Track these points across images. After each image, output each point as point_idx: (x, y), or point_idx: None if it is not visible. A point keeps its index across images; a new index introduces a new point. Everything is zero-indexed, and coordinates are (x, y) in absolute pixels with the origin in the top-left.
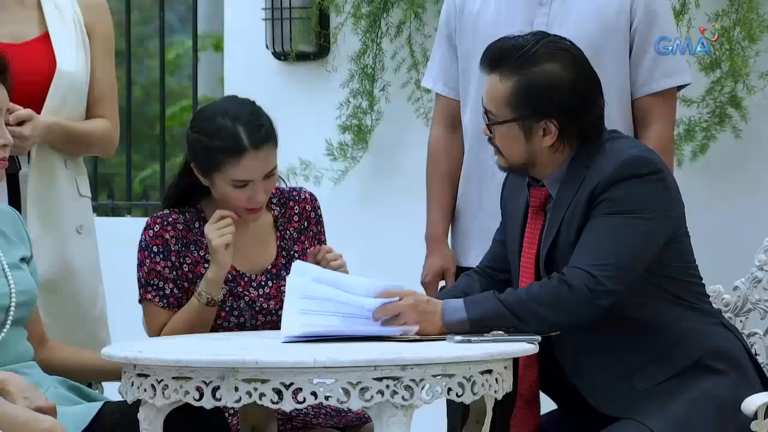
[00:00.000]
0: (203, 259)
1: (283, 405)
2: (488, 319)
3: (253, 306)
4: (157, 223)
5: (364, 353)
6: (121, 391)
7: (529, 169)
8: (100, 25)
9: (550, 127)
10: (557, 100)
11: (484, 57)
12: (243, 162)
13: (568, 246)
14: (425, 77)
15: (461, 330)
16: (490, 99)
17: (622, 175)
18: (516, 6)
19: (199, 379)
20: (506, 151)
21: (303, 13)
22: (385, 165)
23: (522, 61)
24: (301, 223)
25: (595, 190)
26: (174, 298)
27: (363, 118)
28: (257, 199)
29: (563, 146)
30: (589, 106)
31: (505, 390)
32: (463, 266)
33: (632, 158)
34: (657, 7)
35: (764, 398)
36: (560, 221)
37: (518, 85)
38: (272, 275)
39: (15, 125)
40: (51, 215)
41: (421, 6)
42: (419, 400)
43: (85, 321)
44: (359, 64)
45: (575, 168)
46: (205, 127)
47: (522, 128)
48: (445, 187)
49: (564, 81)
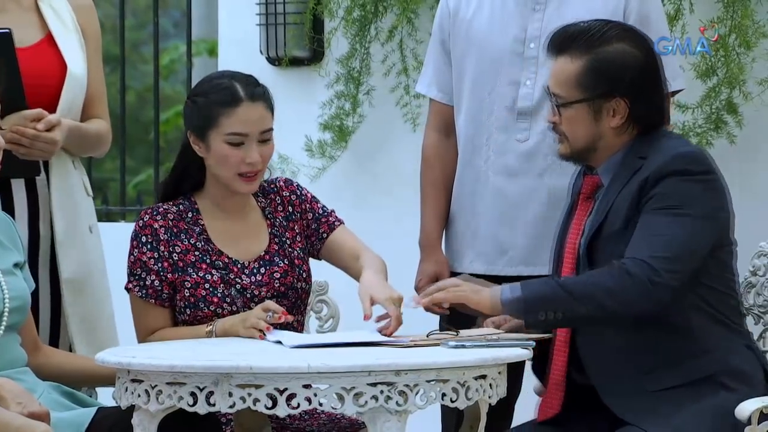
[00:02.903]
0: (193, 247)
1: (277, 411)
2: (544, 298)
3: (244, 293)
4: (148, 213)
5: (358, 359)
6: (114, 397)
7: (590, 154)
8: (91, 26)
9: (619, 106)
10: (629, 77)
11: (550, 43)
12: (238, 112)
13: (612, 234)
14: (419, 83)
15: (515, 309)
16: (559, 81)
17: (674, 170)
18: (510, 11)
19: (193, 384)
20: (572, 135)
21: (297, 19)
22: (364, 166)
23: (593, 41)
24: (286, 211)
25: (646, 182)
26: (153, 290)
27: (345, 119)
28: (252, 159)
29: (629, 129)
30: (657, 87)
31: (499, 395)
32: (456, 272)
33: (686, 153)
34: (650, 12)
35: (757, 403)
36: (607, 209)
37: (589, 63)
38: (265, 261)
39: (45, 131)
40: (71, 216)
41: (414, 11)
42: (413, 405)
43: (101, 320)
44: (346, 66)
45: (629, 158)
46: (202, 89)
47: (591, 108)
48: (438, 193)
49: (636, 59)
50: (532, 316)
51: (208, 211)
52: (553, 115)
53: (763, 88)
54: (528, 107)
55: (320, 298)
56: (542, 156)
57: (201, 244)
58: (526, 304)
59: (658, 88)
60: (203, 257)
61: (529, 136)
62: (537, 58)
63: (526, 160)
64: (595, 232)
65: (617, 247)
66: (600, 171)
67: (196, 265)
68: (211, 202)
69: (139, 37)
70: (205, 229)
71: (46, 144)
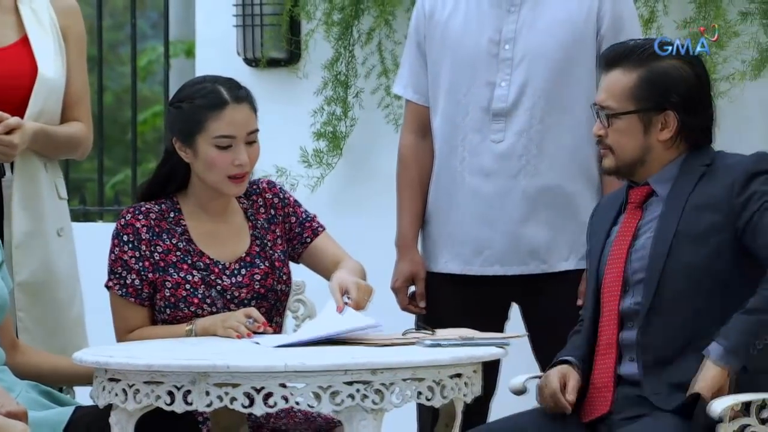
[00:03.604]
0: (175, 246)
1: (254, 409)
2: (746, 334)
3: (224, 294)
4: (130, 212)
5: (334, 358)
6: (92, 396)
7: (637, 168)
8: (74, 29)
9: (669, 119)
10: (680, 92)
11: (603, 58)
12: (225, 115)
13: (691, 234)
14: (396, 84)
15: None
16: (611, 93)
17: (762, 169)
18: (485, 13)
19: (170, 383)
20: (620, 147)
21: (274, 20)
22: (360, 171)
23: (646, 56)
24: (267, 213)
25: (733, 185)
26: (133, 288)
27: (337, 124)
28: (241, 160)
29: (677, 144)
30: (707, 103)
31: (474, 394)
32: (432, 272)
33: (766, 153)
34: (624, 14)
35: (729, 401)
36: (681, 211)
37: (642, 76)
38: (246, 263)
39: (4, 134)
40: (35, 219)
41: (391, 13)
42: (389, 403)
43: (64, 324)
44: (332, 71)
45: (689, 166)
46: (186, 94)
47: (642, 120)
48: (414, 193)
49: (687, 74)
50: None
51: (191, 212)
52: (601, 128)
53: (733, 84)
54: (503, 108)
55: (297, 298)
56: (517, 157)
57: (183, 244)
58: (737, 352)
59: (707, 105)
60: (185, 257)
61: (504, 137)
62: (512, 59)
63: (501, 160)
64: (668, 233)
65: (694, 246)
66: (652, 181)
67: (178, 266)
68: (194, 204)
69: (117, 38)
70: (187, 230)
71: (5, 147)
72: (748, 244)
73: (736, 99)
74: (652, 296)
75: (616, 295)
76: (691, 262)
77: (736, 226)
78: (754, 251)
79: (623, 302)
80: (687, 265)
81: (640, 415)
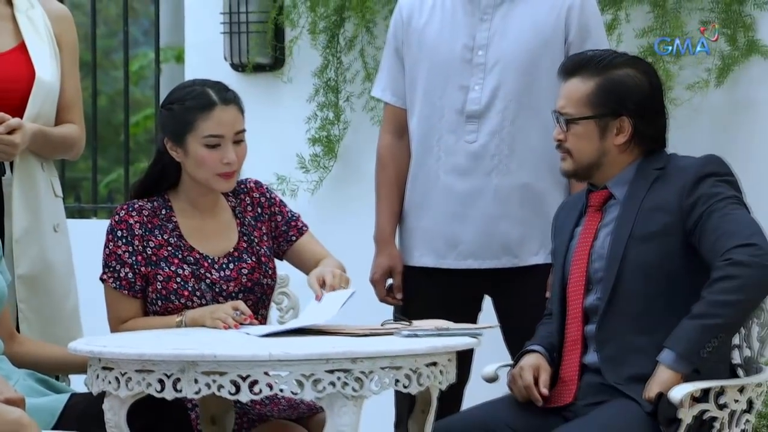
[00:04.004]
0: (166, 242)
1: (240, 396)
2: (695, 341)
3: (213, 288)
4: (124, 209)
5: (316, 347)
6: (86, 384)
7: (594, 171)
8: (68, 36)
9: (624, 125)
10: (635, 99)
11: (563, 68)
12: (214, 115)
13: (649, 233)
14: (375, 87)
15: (686, 368)
16: (570, 100)
17: (712, 171)
18: (459, 21)
19: (160, 371)
20: (578, 151)
21: (259, 27)
22: (354, 171)
23: (603, 65)
24: (255, 211)
25: (684, 187)
26: (126, 281)
27: (331, 129)
28: (229, 158)
29: (632, 147)
30: (660, 111)
31: (449, 381)
32: (409, 265)
33: (713, 158)
34: (590, 22)
35: (688, 388)
36: (636, 213)
37: (600, 84)
38: (234, 258)
39: (5, 134)
40: (33, 215)
41: (371, 21)
42: (369, 391)
43: (61, 315)
44: (322, 78)
45: (644, 170)
46: (176, 97)
47: (598, 125)
48: (392, 191)
49: (642, 84)
50: (701, 361)
51: (182, 209)
52: (560, 133)
53: (692, 93)
54: (476, 110)
55: (282, 291)
56: (489, 156)
57: (174, 239)
58: (689, 357)
59: (660, 113)
60: (175, 252)
61: (477, 137)
62: (485, 64)
63: (475, 160)
64: (623, 234)
65: (648, 246)
66: (610, 185)
67: (169, 260)
68: (184, 201)
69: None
70: (178, 226)
71: (6, 146)
72: (695, 244)
73: (698, 106)
74: (609, 294)
75: (579, 294)
76: (646, 261)
77: (686, 228)
78: (700, 252)
79: (587, 299)
80: (641, 264)
81: (602, 401)
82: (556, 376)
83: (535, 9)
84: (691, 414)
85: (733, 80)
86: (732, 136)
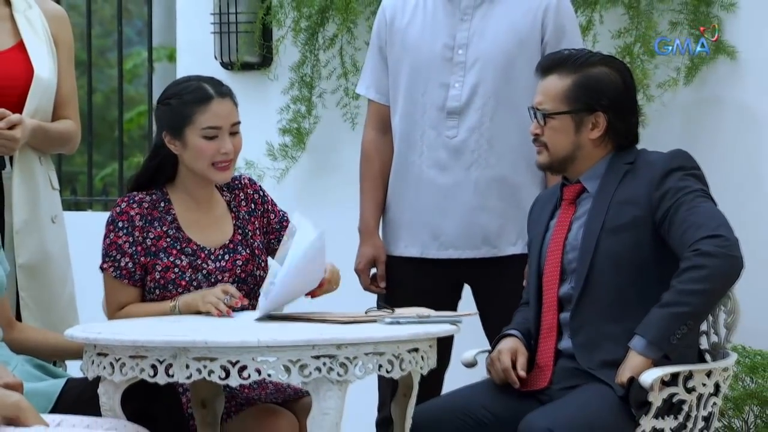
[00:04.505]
0: (165, 234)
1: (230, 381)
2: (664, 329)
3: (209, 278)
4: (125, 201)
5: (303, 334)
6: (82, 369)
7: (569, 164)
8: (64, 35)
9: (599, 120)
10: (609, 96)
11: (540, 65)
12: (211, 108)
13: (620, 225)
14: (359, 85)
15: (658, 355)
16: (547, 96)
17: (679, 166)
18: (440, 21)
19: (153, 357)
20: (554, 144)
21: (248, 27)
22: (321, 164)
23: (580, 63)
24: (249, 207)
25: (652, 182)
26: (126, 270)
27: (302, 121)
28: (226, 149)
29: (605, 143)
30: (633, 109)
31: (430, 366)
32: (392, 255)
33: (680, 152)
34: (565, 23)
35: (658, 372)
36: (607, 206)
37: (576, 81)
38: (229, 249)
39: (6, 129)
40: (32, 207)
41: (353, 21)
42: (353, 376)
43: (58, 303)
44: (298, 73)
45: (615, 165)
46: (173, 92)
47: (574, 120)
48: (376, 184)
49: (617, 81)
50: (671, 347)
51: (179, 202)
52: (537, 127)
53: (662, 91)
54: (456, 107)
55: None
56: (469, 151)
57: (172, 231)
58: (659, 344)
59: (633, 110)
60: (174, 243)
61: (457, 133)
62: (464, 63)
63: (455, 154)
64: (596, 226)
65: (619, 238)
66: (583, 179)
67: (167, 251)
68: (182, 194)
69: (105, 44)
70: (177, 218)
71: (8, 141)
72: (664, 236)
73: (668, 103)
74: (582, 283)
75: (554, 284)
76: (617, 252)
77: (655, 220)
78: (669, 243)
79: (561, 288)
80: (613, 255)
81: (576, 385)
82: (533, 362)
83: (513, 10)
84: (661, 397)
85: (700, 79)
86: (699, 132)
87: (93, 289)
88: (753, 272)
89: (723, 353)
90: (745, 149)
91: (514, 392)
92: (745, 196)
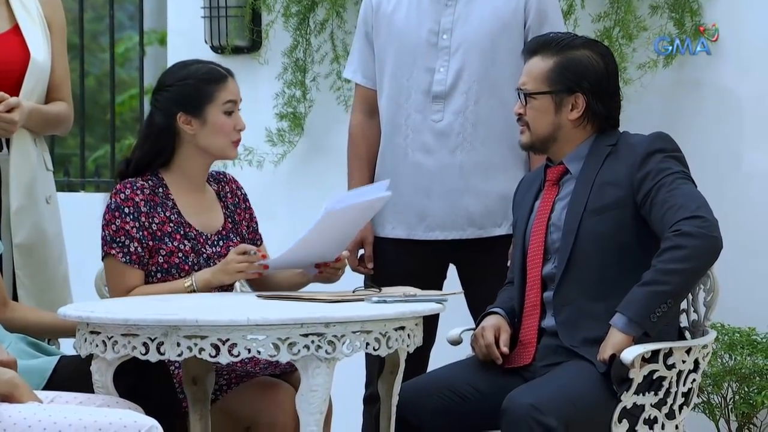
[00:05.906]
0: (168, 219)
1: (220, 359)
2: (645, 307)
3: (209, 262)
4: (127, 187)
5: (292, 312)
6: (75, 347)
7: (550, 144)
8: (57, 19)
9: (579, 101)
10: (590, 79)
11: (526, 48)
12: (228, 85)
13: (602, 206)
14: (346, 69)
15: (637, 332)
16: (530, 76)
17: (660, 148)
18: (425, 7)
19: (145, 335)
20: (535, 124)
21: (238, 12)
22: (318, 147)
23: (562, 46)
24: (233, 200)
25: (634, 163)
26: (136, 255)
27: (297, 106)
28: (241, 125)
29: (585, 124)
30: (613, 92)
31: (415, 344)
32: (379, 236)
33: (660, 134)
34: (547, 8)
35: (639, 349)
36: (590, 187)
37: (558, 62)
38: (222, 236)
39: (5, 112)
40: (28, 188)
41: (342, 6)
42: (341, 353)
43: (53, 282)
44: (291, 57)
45: (597, 147)
46: (183, 74)
47: (554, 100)
48: (363, 167)
49: (598, 64)
50: (651, 325)
51: (176, 187)
52: (520, 107)
53: (642, 72)
54: (441, 91)
55: None
56: (454, 135)
57: (174, 216)
58: (640, 321)
59: (614, 93)
60: (177, 228)
61: (443, 117)
62: (449, 48)
63: (440, 138)
64: (579, 207)
65: (601, 219)
66: (566, 160)
67: (172, 236)
68: (179, 178)
69: (97, 28)
70: (176, 203)
71: (6, 124)
72: (646, 217)
73: (647, 85)
74: (565, 263)
75: (538, 263)
76: (599, 232)
77: (636, 201)
78: (650, 223)
79: (545, 268)
80: (595, 235)
81: (559, 362)
82: (517, 339)
83: None
84: (642, 374)
85: (679, 62)
86: (678, 114)
87: (86, 270)
88: (731, 251)
89: (702, 331)
90: (725, 131)
91: (498, 369)
92: (724, 177)
